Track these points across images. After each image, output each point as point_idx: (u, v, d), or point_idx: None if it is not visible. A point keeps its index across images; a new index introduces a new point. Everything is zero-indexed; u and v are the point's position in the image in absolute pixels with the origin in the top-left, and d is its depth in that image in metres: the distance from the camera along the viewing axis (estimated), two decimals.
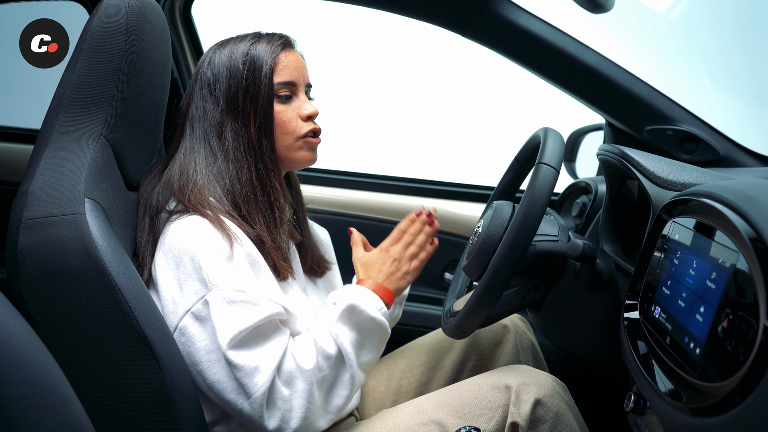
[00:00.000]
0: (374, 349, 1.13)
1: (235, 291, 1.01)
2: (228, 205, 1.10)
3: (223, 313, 0.99)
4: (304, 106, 1.18)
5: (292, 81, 1.17)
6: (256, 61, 1.15)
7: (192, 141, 1.15)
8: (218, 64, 1.16)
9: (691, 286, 0.79)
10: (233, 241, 1.04)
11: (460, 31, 1.42)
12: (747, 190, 0.75)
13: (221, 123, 1.14)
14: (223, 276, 1.01)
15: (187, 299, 1.01)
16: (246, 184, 1.13)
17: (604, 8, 1.32)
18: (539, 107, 2.46)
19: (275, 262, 1.12)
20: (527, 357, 1.34)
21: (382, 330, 1.14)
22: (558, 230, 1.14)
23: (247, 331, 0.99)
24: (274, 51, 1.16)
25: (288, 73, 1.17)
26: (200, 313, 1.01)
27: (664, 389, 0.78)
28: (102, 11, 1.06)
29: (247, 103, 1.14)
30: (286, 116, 1.17)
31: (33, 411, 0.54)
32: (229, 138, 1.13)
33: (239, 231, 1.07)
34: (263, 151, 1.15)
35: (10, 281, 0.96)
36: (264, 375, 0.99)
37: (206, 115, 1.15)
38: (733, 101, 2.08)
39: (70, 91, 1.04)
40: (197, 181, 1.10)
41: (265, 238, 1.11)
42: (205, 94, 1.16)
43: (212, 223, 1.05)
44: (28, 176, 0.99)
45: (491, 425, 1.06)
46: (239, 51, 1.16)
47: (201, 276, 1.01)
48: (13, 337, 0.55)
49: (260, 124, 1.15)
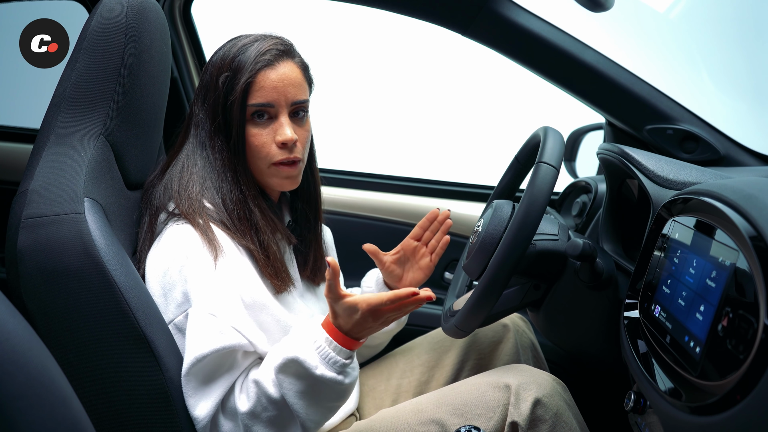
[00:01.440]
0: (329, 399, 1.02)
1: (208, 314, 0.99)
2: (224, 214, 1.08)
3: (193, 333, 0.98)
4: (279, 131, 1.10)
5: (269, 102, 1.09)
6: (235, 78, 1.08)
7: (193, 145, 1.13)
8: (211, 70, 1.12)
9: (691, 284, 0.79)
10: (218, 255, 1.02)
11: (460, 30, 1.41)
12: (747, 188, 0.75)
13: (210, 136, 1.11)
14: (201, 294, 1.00)
15: (170, 310, 1.02)
16: (235, 201, 1.10)
17: (604, 7, 1.31)
18: (539, 106, 2.46)
19: (270, 279, 1.10)
20: (527, 356, 1.34)
21: (335, 384, 0.99)
22: (558, 229, 1.14)
23: (204, 359, 0.97)
24: (254, 68, 1.08)
25: (264, 95, 1.08)
26: (182, 325, 1.01)
27: (664, 388, 0.78)
28: (101, 10, 1.05)
29: (225, 121, 1.10)
30: (259, 140, 1.10)
31: (33, 410, 0.54)
32: (216, 152, 1.11)
33: (230, 242, 1.06)
34: (238, 174, 1.11)
35: (10, 280, 0.96)
36: (206, 406, 0.99)
37: (199, 125, 1.12)
38: (734, 100, 2.08)
39: (70, 90, 1.04)
40: (194, 187, 1.08)
41: (257, 254, 1.09)
42: (201, 102, 1.13)
43: (201, 234, 1.03)
44: (27, 175, 0.99)
45: (491, 425, 1.06)
46: (226, 60, 1.10)
47: (184, 290, 1.01)
48: (13, 336, 0.55)
49: (234, 147, 1.10)
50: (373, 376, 1.41)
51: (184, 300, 1.01)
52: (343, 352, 1.00)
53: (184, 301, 1.01)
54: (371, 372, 1.43)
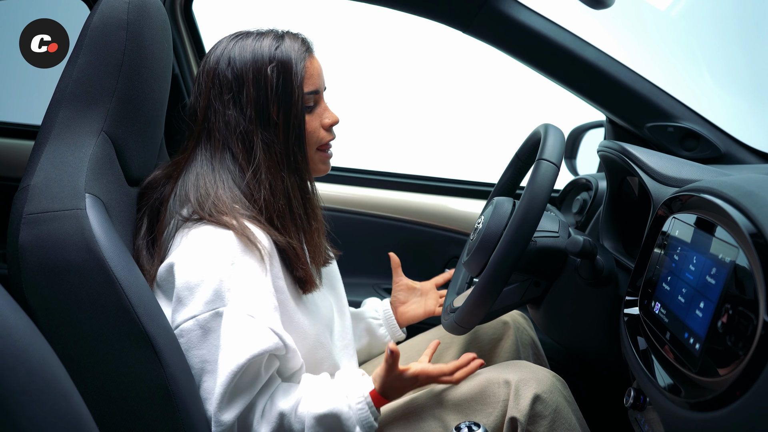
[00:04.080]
0: None
1: (246, 315, 0.98)
2: (256, 212, 1.06)
3: (230, 334, 0.97)
4: (326, 115, 1.14)
5: (317, 89, 1.13)
6: (286, 69, 1.08)
7: (212, 150, 1.09)
8: (241, 65, 1.08)
9: (691, 281, 0.79)
10: (262, 257, 1.01)
11: (462, 27, 1.41)
12: (747, 185, 0.75)
13: (249, 132, 1.07)
14: (239, 295, 0.99)
15: (195, 306, 0.99)
16: (280, 196, 1.08)
17: (605, 4, 1.32)
18: (540, 104, 2.46)
19: (305, 276, 1.09)
20: (527, 353, 1.34)
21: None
22: (558, 226, 1.14)
23: (245, 365, 0.97)
24: (302, 58, 1.10)
25: (314, 82, 1.12)
26: (207, 324, 0.99)
27: (663, 384, 0.78)
28: (103, 7, 1.06)
29: (278, 112, 1.08)
30: (311, 126, 1.12)
31: (34, 405, 0.54)
32: (259, 149, 1.07)
33: (266, 239, 1.04)
34: (299, 163, 1.10)
35: (11, 276, 0.96)
36: (232, 413, 0.98)
37: (230, 124, 1.07)
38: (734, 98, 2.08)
39: (71, 87, 1.04)
40: (218, 194, 1.05)
41: (300, 252, 1.09)
42: (228, 100, 1.08)
43: (238, 235, 1.01)
44: (28, 171, 0.99)
45: (490, 420, 1.06)
46: (264, 53, 1.08)
47: (217, 288, 0.99)
48: (14, 332, 0.55)
49: (295, 137, 1.10)
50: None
51: (215, 298, 0.98)
52: (377, 412, 1.07)
53: (215, 299, 0.98)
54: (372, 368, 1.43)
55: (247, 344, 0.97)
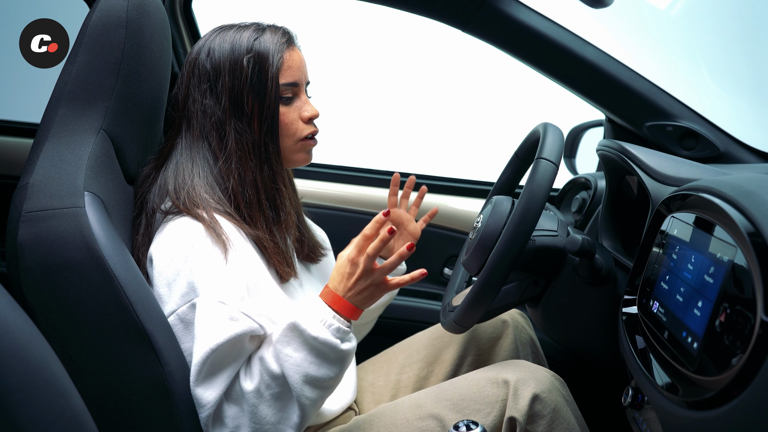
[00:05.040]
0: (327, 368, 1.00)
1: (217, 302, 0.99)
2: (228, 206, 1.08)
3: (204, 322, 0.98)
4: (305, 108, 1.15)
5: (295, 82, 1.14)
6: (262, 60, 1.10)
7: (189, 139, 1.11)
8: (219, 56, 1.10)
9: (689, 280, 0.79)
10: (227, 248, 1.02)
11: (461, 26, 1.41)
12: (745, 185, 0.75)
13: (223, 122, 1.10)
14: (209, 284, 1.00)
15: (173, 301, 1.01)
16: (249, 186, 1.10)
17: (604, 3, 1.32)
18: (539, 103, 2.46)
19: (277, 267, 1.11)
20: (526, 352, 1.34)
21: (333, 349, 1.00)
22: (557, 225, 1.14)
23: (218, 348, 0.97)
24: (280, 50, 1.12)
25: (292, 74, 1.13)
26: (186, 317, 1.01)
27: (661, 383, 0.78)
28: (102, 5, 1.06)
29: (252, 103, 1.10)
30: (288, 118, 1.13)
31: (32, 402, 0.54)
32: (231, 138, 1.09)
33: (237, 232, 1.06)
34: (269, 154, 1.12)
35: (10, 274, 0.96)
36: (213, 393, 0.98)
37: (206, 112, 1.10)
38: (733, 97, 2.08)
39: (70, 85, 1.04)
40: (194, 183, 1.08)
41: (267, 243, 1.10)
42: (205, 89, 1.11)
43: (207, 227, 1.03)
44: (27, 169, 0.99)
45: (489, 420, 1.06)
46: (242, 45, 1.11)
47: (189, 280, 1.00)
48: (13, 329, 0.55)
49: (267, 127, 1.11)
50: (373, 371, 1.41)
51: (189, 290, 1.00)
52: (342, 319, 1.02)
53: (189, 291, 1.00)
54: (371, 367, 1.43)
55: (219, 329, 0.97)
